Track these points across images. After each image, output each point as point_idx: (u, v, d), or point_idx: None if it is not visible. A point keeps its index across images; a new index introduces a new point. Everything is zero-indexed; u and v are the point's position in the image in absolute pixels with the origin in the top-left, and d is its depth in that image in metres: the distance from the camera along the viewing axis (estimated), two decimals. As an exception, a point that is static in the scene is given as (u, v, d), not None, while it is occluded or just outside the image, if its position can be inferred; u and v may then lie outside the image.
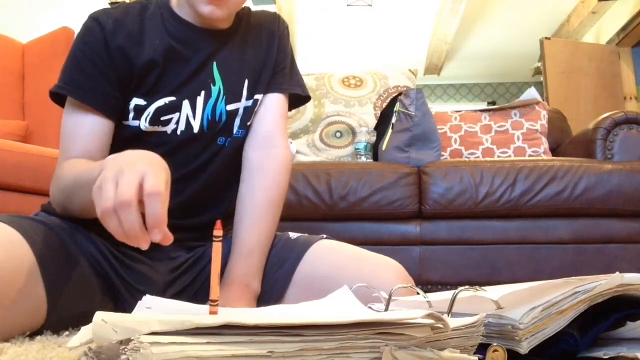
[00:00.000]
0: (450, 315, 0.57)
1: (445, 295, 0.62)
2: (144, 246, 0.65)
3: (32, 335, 0.75)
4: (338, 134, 2.29)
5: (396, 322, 0.45)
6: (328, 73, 2.48)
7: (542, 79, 4.73)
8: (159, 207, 0.64)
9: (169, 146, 0.96)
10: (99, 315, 0.43)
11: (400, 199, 1.84)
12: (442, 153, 2.20)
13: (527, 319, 0.52)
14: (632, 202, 1.79)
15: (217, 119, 0.99)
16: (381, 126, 2.20)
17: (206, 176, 1.00)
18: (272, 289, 0.96)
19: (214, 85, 0.99)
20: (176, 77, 0.96)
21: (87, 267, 0.90)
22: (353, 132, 2.29)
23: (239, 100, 1.01)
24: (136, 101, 0.95)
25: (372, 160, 2.19)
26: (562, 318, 0.54)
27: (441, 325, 0.46)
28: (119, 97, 0.94)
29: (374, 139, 2.25)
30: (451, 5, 4.91)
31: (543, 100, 2.50)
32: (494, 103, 7.10)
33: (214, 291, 0.51)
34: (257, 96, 1.04)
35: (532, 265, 1.80)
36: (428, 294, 0.65)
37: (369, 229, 1.87)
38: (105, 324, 0.42)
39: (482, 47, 6.19)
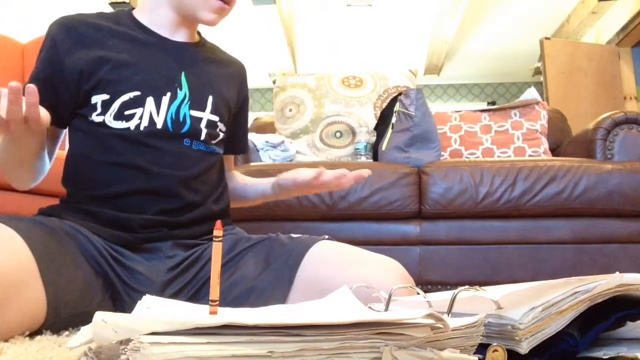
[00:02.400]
0: (450, 315, 0.57)
1: (445, 295, 0.62)
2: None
3: (32, 335, 0.75)
4: (338, 134, 2.29)
5: (396, 322, 0.45)
6: (328, 73, 2.48)
7: (542, 79, 4.73)
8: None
9: (133, 141, 0.99)
10: (99, 316, 0.43)
11: (400, 199, 1.84)
12: (442, 153, 2.20)
13: (527, 319, 0.52)
14: (632, 202, 1.79)
15: (181, 120, 1.02)
16: (381, 126, 2.20)
17: (180, 174, 1.02)
18: (275, 288, 0.95)
19: (180, 90, 1.04)
20: (142, 74, 1.01)
21: (86, 267, 0.90)
22: (353, 132, 2.29)
23: (203, 110, 1.06)
24: (100, 97, 0.98)
25: (372, 160, 2.19)
26: (562, 318, 0.54)
27: (441, 326, 0.46)
28: (66, 102, 1.00)
29: (373, 139, 2.25)
30: (451, 5, 4.91)
31: (543, 100, 2.50)
32: (494, 103, 7.10)
33: (214, 291, 0.51)
34: (220, 123, 1.10)
35: (532, 266, 1.80)
36: (428, 294, 0.65)
37: (369, 229, 1.87)
38: (106, 324, 0.42)
39: (482, 47, 6.19)
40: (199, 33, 1.16)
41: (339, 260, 0.96)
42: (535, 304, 0.53)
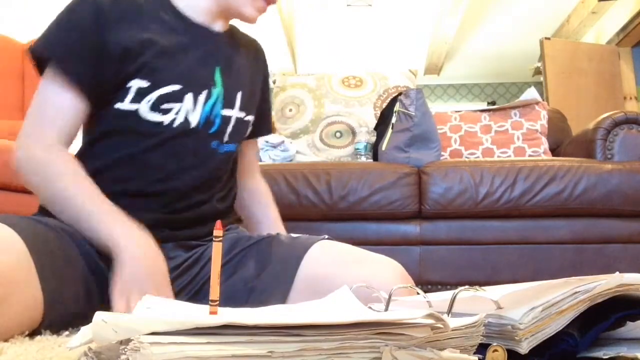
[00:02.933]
0: (450, 315, 0.57)
1: (445, 295, 0.62)
2: None
3: (32, 335, 0.75)
4: (338, 134, 2.29)
5: (396, 322, 0.45)
6: (328, 73, 2.48)
7: (542, 79, 4.73)
8: None
9: (161, 137, 0.94)
10: (99, 316, 0.43)
11: (400, 199, 1.84)
12: (442, 153, 2.20)
13: (527, 319, 0.52)
14: (632, 202, 1.79)
15: (213, 119, 0.99)
16: (381, 126, 2.20)
17: (198, 175, 0.99)
18: (275, 288, 0.95)
19: (215, 87, 1.00)
20: (184, 67, 0.96)
21: (85, 267, 0.89)
22: (353, 132, 2.29)
23: (232, 108, 1.03)
24: (139, 83, 0.92)
25: (372, 160, 2.19)
26: (562, 318, 0.54)
27: (441, 326, 0.46)
28: (107, 80, 0.92)
29: (373, 139, 2.25)
30: (451, 5, 4.91)
31: (543, 100, 2.50)
32: (493, 103, 7.10)
33: (214, 291, 0.51)
34: (248, 117, 1.08)
35: (532, 266, 1.80)
36: (428, 294, 0.65)
37: (369, 229, 1.87)
38: (106, 324, 0.42)
39: (482, 47, 6.19)
40: None
41: (339, 260, 0.95)
42: (535, 304, 0.53)
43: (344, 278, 0.84)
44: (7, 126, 2.16)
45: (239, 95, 1.04)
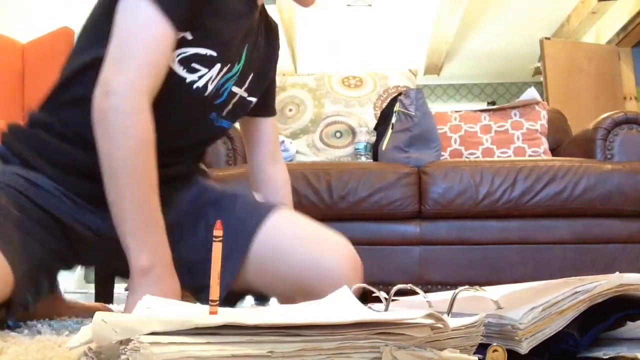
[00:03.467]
0: (450, 315, 0.57)
1: (445, 295, 0.62)
2: None
3: (32, 335, 0.75)
4: (338, 134, 2.29)
5: (396, 322, 0.45)
6: (328, 73, 2.48)
7: (542, 79, 4.72)
8: None
9: (176, 92, 0.92)
10: (99, 316, 0.43)
11: (400, 199, 1.84)
12: (442, 153, 2.20)
13: (527, 319, 0.52)
14: (632, 202, 1.79)
15: (222, 92, 1.00)
16: (381, 126, 2.20)
17: (188, 140, 1.02)
18: (234, 246, 0.97)
19: (238, 64, 1.01)
20: (226, 33, 0.95)
21: (41, 217, 0.89)
22: (353, 132, 2.29)
23: (241, 87, 1.04)
24: (188, 36, 0.91)
25: (372, 160, 2.19)
26: (562, 318, 0.54)
27: (441, 325, 0.46)
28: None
29: (373, 139, 2.25)
30: (451, 5, 4.91)
31: (543, 100, 2.50)
32: (493, 103, 7.10)
33: (214, 291, 0.51)
34: (251, 98, 1.07)
35: (532, 266, 1.80)
36: (428, 294, 0.65)
37: (369, 229, 1.87)
38: (105, 324, 0.42)
39: (482, 47, 6.19)
40: None
41: (292, 235, 1.00)
42: (535, 304, 0.53)
43: (292, 257, 0.93)
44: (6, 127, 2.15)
45: (250, 76, 1.05)
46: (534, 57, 5.43)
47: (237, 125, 1.24)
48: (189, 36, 0.91)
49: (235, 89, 1.02)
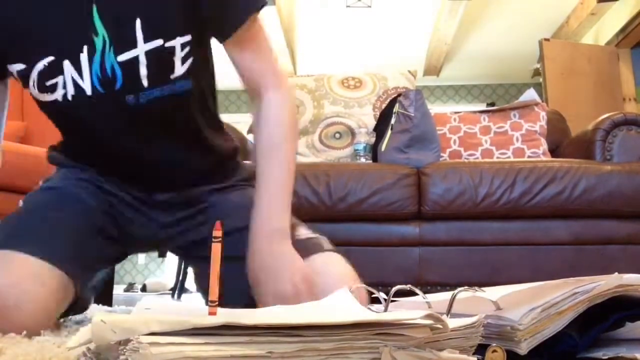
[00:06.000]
0: (449, 316, 0.57)
1: (445, 296, 0.62)
2: None
3: (32, 335, 0.75)
4: (337, 135, 2.29)
5: (395, 323, 0.45)
6: (327, 74, 2.48)
7: (541, 80, 4.73)
8: None
9: (71, 112, 0.87)
10: (98, 316, 0.43)
11: (400, 200, 1.84)
12: (442, 154, 2.20)
13: (526, 319, 0.52)
14: (631, 203, 1.79)
15: (108, 74, 0.84)
16: (380, 127, 2.20)
17: (146, 137, 0.90)
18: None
19: (97, 36, 0.83)
20: (48, 30, 0.83)
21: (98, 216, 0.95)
22: (352, 133, 2.29)
23: (133, 46, 0.83)
24: (17, 67, 0.85)
25: (371, 161, 2.19)
26: (562, 319, 0.54)
27: (440, 326, 0.46)
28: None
29: (373, 140, 2.25)
30: (450, 6, 4.91)
31: (542, 101, 2.50)
32: (493, 104, 7.09)
33: (213, 292, 0.51)
34: (171, 42, 0.85)
35: (531, 266, 1.80)
36: (427, 295, 0.65)
37: (369, 230, 1.87)
38: (105, 324, 0.42)
39: (481, 48, 6.19)
40: None
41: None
42: (535, 304, 0.53)
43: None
44: (6, 127, 2.15)
45: (137, 24, 0.83)
46: (533, 59, 5.43)
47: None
48: (21, 66, 0.85)
49: (123, 57, 0.83)
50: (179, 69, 0.86)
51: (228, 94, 6.91)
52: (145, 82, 0.85)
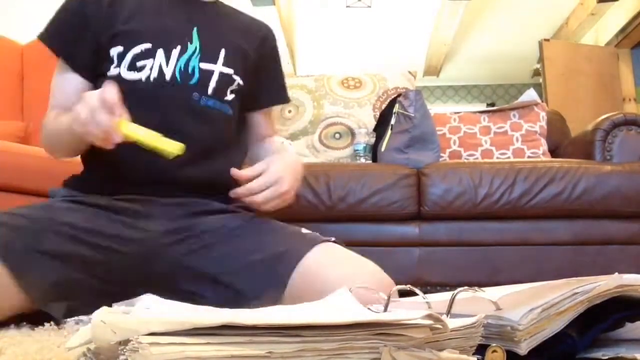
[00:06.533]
0: (449, 316, 0.57)
1: (445, 296, 0.62)
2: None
3: (31, 335, 0.75)
4: (337, 136, 2.29)
5: (395, 323, 0.45)
6: (327, 74, 2.48)
7: (541, 80, 4.73)
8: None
9: (141, 94, 1.01)
10: (98, 316, 0.43)
11: (400, 200, 1.84)
12: (441, 154, 2.20)
13: (526, 320, 0.52)
14: (631, 203, 1.79)
15: (190, 72, 1.04)
16: (380, 127, 2.20)
17: (185, 132, 1.00)
18: (273, 277, 0.95)
19: (191, 43, 1.06)
20: (154, 27, 1.05)
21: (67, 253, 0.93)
22: (352, 134, 2.29)
23: (214, 62, 1.07)
24: (116, 50, 1.03)
25: (371, 161, 2.19)
26: (561, 319, 0.54)
27: (440, 326, 0.47)
28: (96, 58, 1.05)
29: (373, 140, 2.25)
30: (450, 6, 4.91)
31: (542, 101, 2.50)
32: (493, 104, 7.10)
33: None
34: (236, 76, 1.10)
35: (531, 267, 1.80)
36: (427, 295, 0.65)
37: (368, 230, 1.87)
38: (105, 324, 0.42)
39: (481, 49, 6.19)
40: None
41: (327, 264, 0.95)
42: (535, 304, 0.53)
43: (327, 284, 0.86)
44: (6, 127, 2.15)
45: (222, 52, 1.09)
46: (533, 59, 5.44)
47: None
48: (120, 49, 1.03)
49: (204, 65, 1.06)
50: (228, 96, 1.10)
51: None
52: (210, 91, 1.06)
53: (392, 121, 2.07)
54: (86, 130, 0.85)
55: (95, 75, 1.06)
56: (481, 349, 0.52)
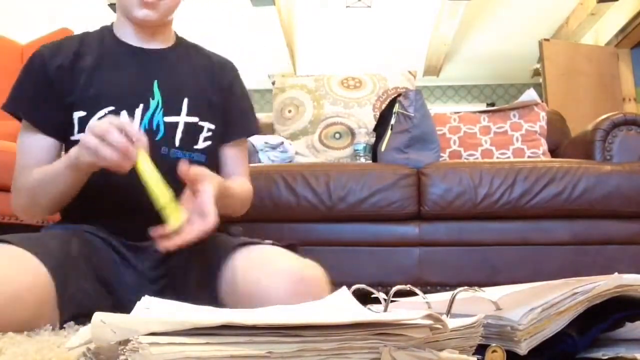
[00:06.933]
0: (449, 316, 0.57)
1: (444, 296, 0.62)
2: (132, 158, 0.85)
3: (31, 335, 0.75)
4: (337, 135, 2.29)
5: (395, 323, 0.45)
6: (327, 74, 2.48)
7: (541, 80, 4.73)
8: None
9: None
10: (98, 316, 0.43)
11: (399, 200, 1.84)
12: (441, 154, 2.20)
13: (526, 320, 0.52)
14: (631, 203, 1.79)
15: (154, 127, 1.05)
16: (380, 127, 2.20)
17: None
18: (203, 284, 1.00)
19: (153, 99, 1.07)
20: (115, 89, 1.05)
21: (93, 278, 0.97)
22: (352, 134, 2.29)
23: (177, 114, 1.08)
24: (79, 114, 1.03)
25: (371, 161, 2.19)
26: (561, 319, 0.54)
27: (440, 326, 0.47)
28: (62, 118, 1.05)
29: (373, 140, 2.25)
30: (450, 6, 4.91)
31: (542, 101, 2.50)
32: (493, 104, 7.10)
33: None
34: (203, 122, 1.10)
35: (531, 267, 1.80)
36: (427, 295, 0.65)
37: (368, 230, 1.87)
38: (104, 324, 0.42)
39: (481, 49, 6.19)
40: (177, 35, 1.19)
41: (244, 266, 0.97)
42: (535, 304, 0.53)
43: (242, 285, 0.93)
44: (6, 127, 2.15)
45: (185, 101, 1.09)
46: (533, 59, 5.44)
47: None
48: (82, 114, 1.03)
49: (168, 119, 1.06)
50: (200, 144, 1.10)
51: (251, 93, 6.92)
52: (177, 143, 1.07)
53: (392, 121, 2.07)
54: (98, 155, 0.84)
55: (64, 137, 1.06)
56: (481, 349, 0.52)
